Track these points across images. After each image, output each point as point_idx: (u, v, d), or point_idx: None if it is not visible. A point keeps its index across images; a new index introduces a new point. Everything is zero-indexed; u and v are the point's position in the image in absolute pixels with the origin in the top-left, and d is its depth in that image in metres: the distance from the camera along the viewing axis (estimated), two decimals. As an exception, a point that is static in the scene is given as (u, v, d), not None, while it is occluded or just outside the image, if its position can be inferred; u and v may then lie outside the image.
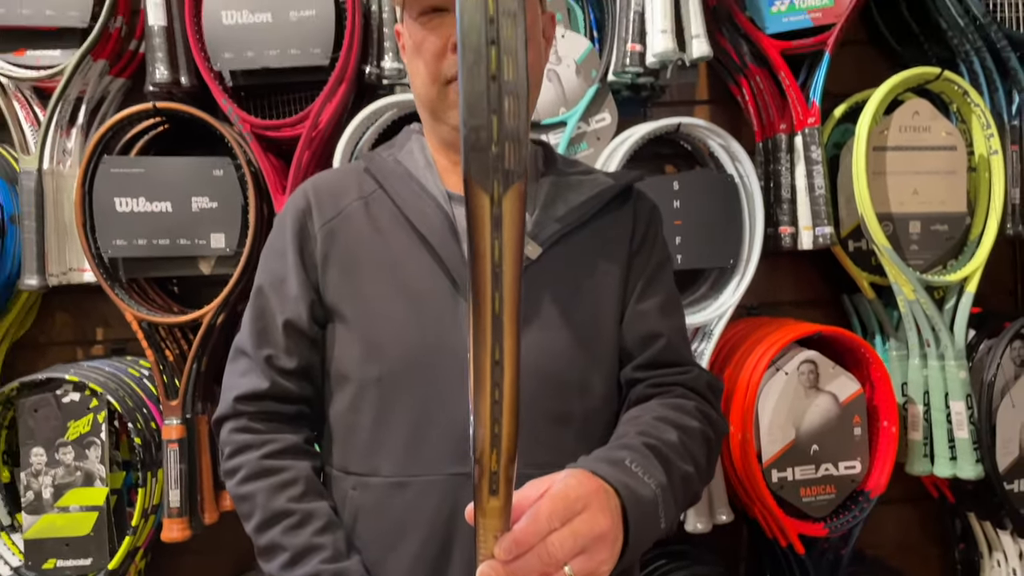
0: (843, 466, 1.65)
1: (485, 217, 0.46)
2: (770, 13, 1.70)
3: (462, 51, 0.42)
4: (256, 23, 1.58)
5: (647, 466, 0.86)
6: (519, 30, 0.41)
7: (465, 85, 0.43)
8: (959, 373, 1.63)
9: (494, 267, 0.47)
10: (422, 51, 1.01)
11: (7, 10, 1.60)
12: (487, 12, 0.40)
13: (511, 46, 0.41)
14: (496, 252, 0.46)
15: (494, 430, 0.56)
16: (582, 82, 1.73)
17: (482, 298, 0.48)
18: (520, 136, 0.43)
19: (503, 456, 0.58)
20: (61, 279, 1.67)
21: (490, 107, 0.42)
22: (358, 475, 1.02)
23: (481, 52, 0.41)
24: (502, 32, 0.41)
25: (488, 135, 0.43)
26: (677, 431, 0.95)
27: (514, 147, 0.44)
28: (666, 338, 1.07)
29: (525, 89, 0.42)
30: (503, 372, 0.53)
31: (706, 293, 1.79)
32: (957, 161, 1.68)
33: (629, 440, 0.92)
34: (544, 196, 1.08)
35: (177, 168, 1.61)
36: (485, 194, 0.45)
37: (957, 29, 1.69)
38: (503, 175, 0.45)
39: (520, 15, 0.41)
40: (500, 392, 0.54)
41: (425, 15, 1.00)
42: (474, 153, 0.44)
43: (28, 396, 1.58)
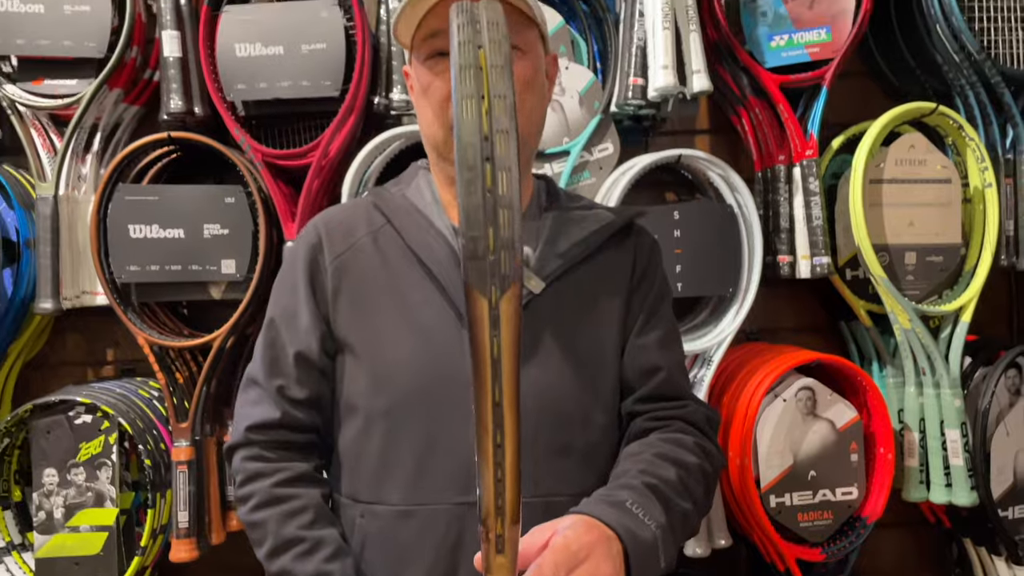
0: (840, 492, 1.67)
1: (484, 318, 0.50)
2: (769, 48, 1.75)
3: (459, 168, 0.45)
4: (269, 55, 1.62)
5: (647, 507, 0.89)
6: (512, 147, 0.44)
7: (463, 199, 0.46)
8: (954, 402, 1.66)
9: (493, 361, 0.51)
10: (429, 94, 1.04)
11: (26, 41, 1.64)
12: (482, 131, 0.43)
13: (505, 163, 0.44)
14: (495, 348, 0.51)
15: (498, 501, 0.59)
16: (585, 113, 1.77)
17: (483, 389, 0.53)
18: (515, 244, 0.47)
19: (507, 520, 0.62)
20: (74, 302, 1.71)
21: (486, 219, 0.46)
22: (366, 503, 1.05)
23: (477, 169, 0.45)
24: (496, 150, 0.44)
25: (485, 245, 0.47)
26: (676, 468, 0.98)
27: (509, 254, 0.48)
28: (666, 372, 1.10)
29: (518, 201, 0.46)
30: (504, 453, 0.57)
31: (706, 320, 1.82)
32: (952, 193, 1.71)
33: (630, 480, 0.95)
34: (547, 231, 1.11)
35: (190, 196, 1.65)
36: (483, 298, 0.49)
37: (952, 64, 1.73)
38: (500, 280, 0.48)
39: (512, 131, 0.44)
40: (502, 470, 0.58)
41: (432, 59, 1.04)
42: (472, 262, 0.47)
43: (41, 418, 1.61)
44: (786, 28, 1.74)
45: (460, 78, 0.47)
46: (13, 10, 1.63)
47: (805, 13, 1.73)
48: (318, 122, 1.72)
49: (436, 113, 1.04)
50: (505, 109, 0.47)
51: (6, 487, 1.66)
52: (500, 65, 0.47)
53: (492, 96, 0.46)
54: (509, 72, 0.49)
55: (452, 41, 0.51)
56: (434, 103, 1.04)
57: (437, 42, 1.02)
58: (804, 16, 1.73)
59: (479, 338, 0.51)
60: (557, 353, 1.05)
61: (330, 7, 1.63)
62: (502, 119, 0.45)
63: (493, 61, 0.46)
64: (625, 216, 1.17)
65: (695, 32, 1.65)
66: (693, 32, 1.65)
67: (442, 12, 1.01)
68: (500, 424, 0.56)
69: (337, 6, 1.64)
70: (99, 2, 1.65)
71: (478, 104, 0.46)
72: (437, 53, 1.03)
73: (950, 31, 1.69)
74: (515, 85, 0.51)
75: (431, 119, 1.05)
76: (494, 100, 0.46)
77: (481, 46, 0.47)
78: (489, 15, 0.52)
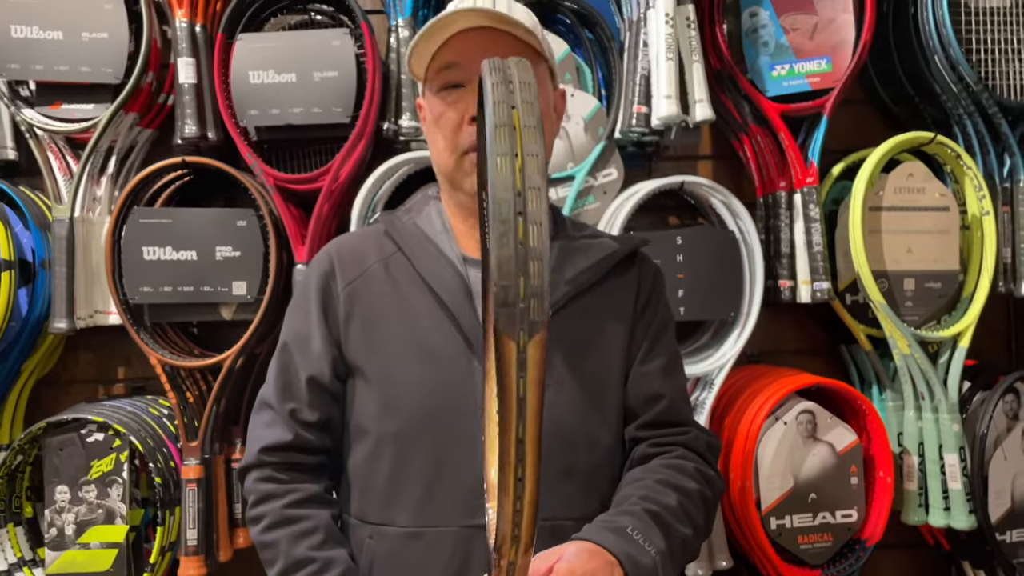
0: (840, 514, 1.69)
1: (512, 361, 0.52)
2: (771, 77, 1.78)
3: (493, 221, 0.48)
4: (281, 83, 1.66)
5: (648, 533, 0.92)
6: (543, 202, 0.47)
7: (496, 250, 0.49)
8: (952, 426, 1.68)
9: (519, 401, 0.54)
10: (441, 124, 1.08)
11: (45, 67, 1.68)
12: (515, 187, 0.46)
13: (536, 217, 0.47)
14: (521, 388, 0.53)
15: (514, 531, 0.62)
16: (590, 139, 1.80)
17: (508, 426, 0.56)
18: (543, 293, 0.50)
19: (521, 548, 0.65)
20: (88, 321, 1.74)
21: (517, 270, 0.49)
22: (375, 524, 1.07)
23: (510, 223, 0.47)
24: (528, 205, 0.47)
25: (516, 294, 0.50)
26: (677, 494, 1.01)
27: (537, 302, 0.50)
28: (667, 400, 1.12)
29: (548, 254, 0.49)
30: (524, 486, 0.60)
31: (707, 343, 1.85)
32: (950, 221, 1.74)
33: (631, 506, 0.98)
34: (553, 259, 1.14)
35: (203, 219, 1.69)
36: (512, 342, 0.52)
37: (951, 94, 1.76)
38: (528, 325, 0.51)
39: (543, 188, 0.47)
40: (521, 503, 0.61)
41: (444, 90, 1.07)
42: (503, 309, 0.50)
43: (54, 435, 1.64)
44: (787, 58, 1.78)
45: (495, 136, 0.49)
46: (33, 36, 1.67)
47: (806, 44, 1.77)
48: (328, 147, 1.76)
49: (448, 141, 1.07)
50: (537, 167, 0.49)
51: (18, 503, 1.69)
52: (533, 125, 0.50)
53: (525, 154, 0.48)
54: (541, 132, 0.52)
55: (487, 100, 0.53)
56: (446, 132, 1.07)
57: (450, 74, 1.06)
58: (805, 46, 1.77)
59: (507, 379, 0.54)
60: (563, 378, 1.08)
61: (342, 36, 1.67)
62: (534, 176, 0.48)
63: (526, 121, 0.49)
64: (630, 245, 1.20)
65: (698, 62, 1.69)
66: (696, 62, 1.68)
67: (454, 45, 1.05)
68: (522, 459, 0.59)
69: (349, 35, 1.68)
70: (117, 29, 1.69)
71: (512, 161, 0.48)
72: (450, 85, 1.07)
73: (948, 62, 1.73)
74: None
75: (443, 147, 1.09)
76: (527, 158, 0.48)
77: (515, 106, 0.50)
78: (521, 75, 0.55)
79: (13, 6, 1.67)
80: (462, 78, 1.06)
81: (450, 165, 1.09)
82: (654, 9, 1.66)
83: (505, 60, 0.63)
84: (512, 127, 0.50)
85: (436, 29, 1.04)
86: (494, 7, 1.03)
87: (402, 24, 1.75)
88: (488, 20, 1.03)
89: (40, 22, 1.67)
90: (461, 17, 1.02)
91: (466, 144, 1.06)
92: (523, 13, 1.09)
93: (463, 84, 1.06)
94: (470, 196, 1.09)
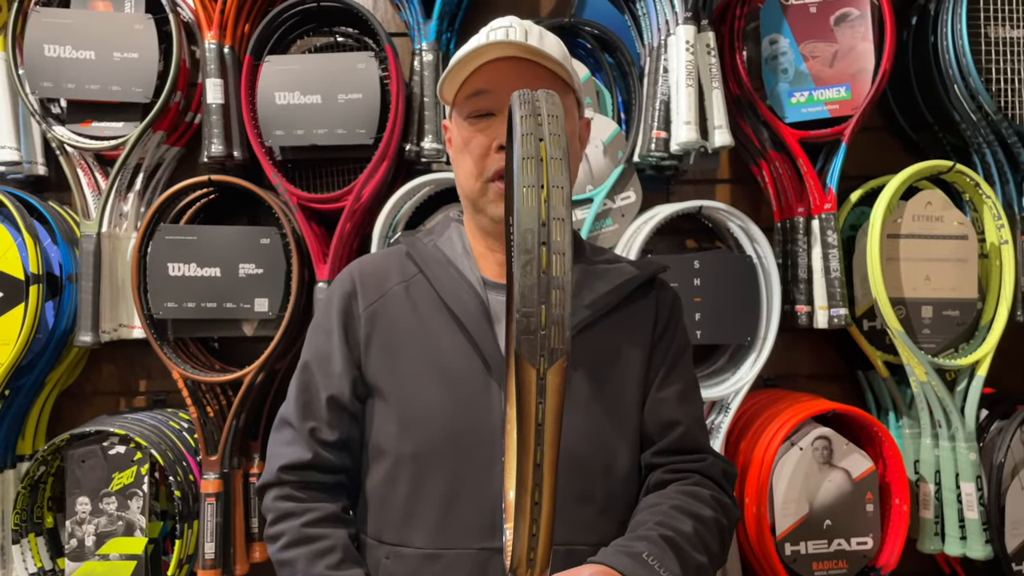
0: (855, 542, 1.69)
1: (532, 387, 0.54)
2: (790, 104, 1.80)
3: (518, 251, 0.49)
4: (307, 104, 1.69)
5: (663, 559, 0.93)
6: (567, 233, 0.48)
7: (519, 279, 0.50)
8: (969, 455, 1.67)
9: (537, 426, 0.56)
10: (469, 150, 1.09)
11: (77, 85, 1.72)
12: (540, 217, 0.47)
13: (560, 247, 0.49)
14: (540, 414, 0.55)
15: (530, 554, 0.63)
16: (609, 162, 1.82)
17: (526, 451, 0.57)
18: (564, 320, 0.51)
19: (537, 570, 0.66)
20: (112, 335, 1.77)
21: (539, 298, 0.50)
22: (391, 544, 1.08)
23: (534, 252, 0.49)
24: (552, 235, 0.49)
25: (537, 321, 0.51)
26: (693, 521, 1.01)
27: (558, 330, 0.51)
28: (684, 427, 1.13)
29: (570, 283, 0.50)
30: (541, 510, 0.61)
31: (724, 366, 1.85)
32: (968, 249, 1.74)
33: (647, 531, 0.98)
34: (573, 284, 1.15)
35: (227, 236, 1.72)
36: (532, 368, 0.53)
37: (970, 123, 1.77)
38: (549, 352, 0.52)
39: (567, 219, 0.48)
40: (537, 526, 0.62)
41: (473, 117, 1.09)
42: (525, 336, 0.51)
43: (77, 447, 1.67)
44: (807, 85, 1.79)
45: (522, 168, 0.51)
46: (65, 56, 1.71)
47: (825, 71, 1.78)
48: (351, 167, 1.79)
49: (474, 167, 1.09)
50: (562, 199, 0.51)
51: (40, 514, 1.71)
52: (559, 158, 0.51)
53: (551, 186, 0.49)
54: (567, 163, 0.53)
55: (515, 131, 0.55)
56: (473, 158, 1.09)
57: (480, 102, 1.08)
58: (824, 74, 1.78)
59: (527, 404, 0.55)
60: (581, 403, 1.09)
61: (367, 59, 1.70)
62: (559, 208, 0.49)
63: (553, 154, 0.50)
64: (648, 270, 1.21)
65: (718, 89, 1.70)
66: (716, 89, 1.70)
67: (484, 73, 1.07)
68: (539, 484, 0.60)
69: (373, 58, 1.71)
70: (147, 50, 1.73)
71: (538, 193, 0.50)
72: (479, 113, 1.08)
73: (968, 91, 1.74)
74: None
75: (468, 173, 1.10)
76: (552, 190, 0.50)
77: (542, 139, 0.51)
78: (549, 108, 0.56)
79: (47, 26, 1.71)
80: (492, 106, 1.08)
81: (475, 191, 1.10)
82: (675, 36, 1.68)
83: (535, 92, 0.65)
84: (539, 159, 0.51)
85: (470, 58, 1.06)
86: (526, 39, 1.05)
87: (426, 48, 1.78)
88: (520, 51, 1.05)
89: (73, 42, 1.71)
90: (495, 47, 1.04)
91: (492, 171, 1.07)
92: (554, 44, 1.11)
93: (493, 112, 1.08)
94: (493, 221, 1.11)
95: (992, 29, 1.78)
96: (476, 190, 1.10)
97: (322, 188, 1.80)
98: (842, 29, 1.78)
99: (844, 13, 1.78)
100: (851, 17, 1.78)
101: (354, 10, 1.72)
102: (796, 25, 1.80)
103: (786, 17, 1.81)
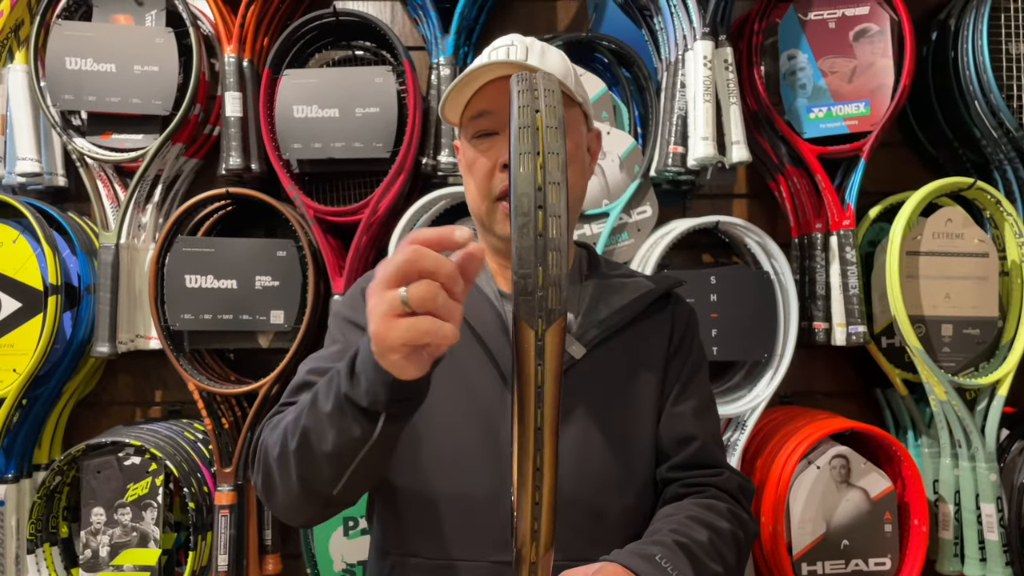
0: (873, 562, 1.66)
1: (530, 349, 0.55)
2: (808, 119, 1.79)
3: (515, 214, 0.51)
4: (324, 117, 1.70)
5: (676, 563, 0.91)
6: (562, 197, 0.50)
7: (517, 241, 0.52)
8: (989, 476, 1.65)
9: (537, 388, 0.56)
10: (474, 170, 1.09)
11: (97, 98, 1.73)
12: (536, 182, 0.49)
13: (555, 210, 0.50)
14: (539, 376, 0.55)
15: (534, 526, 0.63)
16: (625, 176, 1.81)
17: (526, 414, 0.57)
18: (561, 282, 0.52)
19: (541, 547, 0.65)
20: (129, 346, 1.78)
21: (536, 260, 0.51)
22: (398, 555, 1.07)
23: (530, 215, 0.50)
24: (548, 199, 0.50)
25: (534, 283, 0.52)
26: (708, 531, 1.00)
27: (555, 291, 0.53)
28: (701, 441, 1.12)
29: (566, 245, 0.52)
30: (543, 477, 0.60)
31: (740, 383, 1.84)
32: (989, 267, 1.73)
33: (661, 537, 0.97)
34: (588, 299, 1.15)
35: (244, 248, 1.72)
36: (531, 330, 0.54)
37: (991, 140, 1.75)
38: (546, 313, 0.53)
39: (563, 184, 0.50)
40: (540, 494, 0.61)
41: (477, 138, 1.09)
42: (522, 297, 0.53)
43: (93, 457, 1.68)
44: (825, 101, 1.78)
45: (518, 136, 0.52)
46: (87, 69, 1.73)
47: (844, 87, 1.77)
48: (368, 180, 1.79)
49: (480, 187, 1.09)
50: (558, 164, 0.52)
51: (55, 523, 1.72)
52: (554, 126, 0.53)
53: (547, 152, 0.51)
54: (562, 132, 0.55)
55: (512, 105, 0.57)
56: (479, 178, 1.09)
57: (483, 122, 1.08)
58: (843, 90, 1.77)
59: (525, 367, 0.56)
60: (597, 417, 1.08)
61: (384, 73, 1.71)
62: (555, 172, 0.50)
63: (548, 123, 0.52)
64: (664, 285, 1.20)
65: (735, 104, 1.69)
66: (733, 104, 1.69)
67: (487, 93, 1.07)
68: (540, 448, 0.59)
69: (391, 72, 1.71)
70: (167, 63, 1.74)
71: (533, 159, 0.51)
72: (483, 133, 1.08)
73: (988, 107, 1.72)
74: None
75: (475, 193, 1.10)
76: (548, 156, 0.51)
77: (538, 110, 0.53)
78: (546, 84, 0.58)
79: (69, 39, 1.73)
80: (494, 126, 1.08)
81: (483, 210, 1.10)
82: (692, 51, 1.68)
83: (533, 73, 0.66)
84: (535, 128, 0.52)
85: (469, 80, 1.06)
86: (527, 57, 1.05)
87: (443, 62, 1.78)
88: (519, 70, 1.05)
89: (94, 55, 1.73)
90: (495, 67, 1.04)
91: (498, 191, 1.07)
92: (556, 59, 1.10)
93: (496, 132, 1.08)
94: (501, 240, 1.11)
95: (1013, 45, 1.77)
96: (484, 210, 1.10)
97: (339, 201, 1.81)
98: (861, 45, 1.77)
99: (863, 29, 1.77)
100: (870, 33, 1.77)
101: (372, 24, 1.73)
102: (815, 41, 1.80)
103: (804, 32, 1.80)
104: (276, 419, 1.01)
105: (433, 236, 0.66)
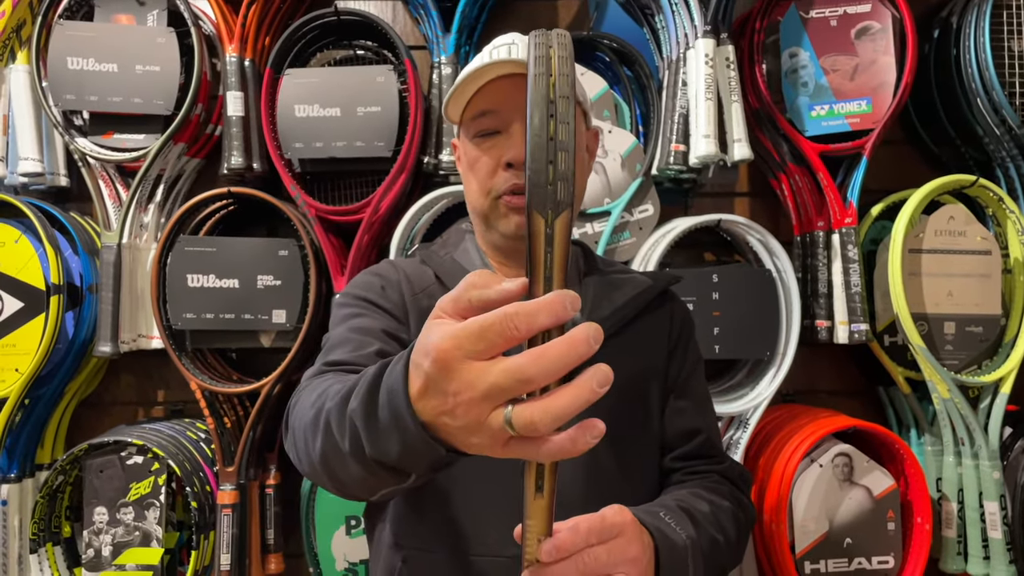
0: (876, 560, 1.66)
1: (541, 236, 0.59)
2: (810, 117, 1.79)
3: (530, 123, 0.58)
4: (326, 116, 1.70)
5: (679, 520, 0.93)
6: (571, 109, 0.58)
7: (530, 142, 0.58)
8: (992, 474, 1.65)
9: (546, 276, 0.59)
10: (476, 169, 1.10)
11: (99, 98, 1.74)
12: (548, 96, 0.58)
13: (565, 118, 0.58)
14: (548, 262, 0.59)
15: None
16: (627, 175, 1.81)
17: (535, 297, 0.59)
18: (568, 177, 0.58)
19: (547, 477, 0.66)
20: (131, 345, 1.78)
21: (547, 158, 0.58)
22: (411, 548, 1.06)
23: (544, 122, 0.58)
24: (559, 109, 0.58)
25: (545, 177, 0.58)
26: (709, 504, 1.03)
27: (564, 185, 0.58)
28: (705, 434, 1.15)
29: (573, 146, 0.58)
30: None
31: (742, 381, 1.84)
32: (992, 265, 1.72)
33: (664, 501, 1.00)
34: (592, 298, 1.15)
35: (246, 248, 1.72)
36: (541, 219, 0.59)
37: (993, 137, 1.75)
38: (555, 204, 0.58)
39: (571, 97, 0.58)
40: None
41: (479, 137, 1.10)
42: (535, 189, 0.58)
43: (95, 457, 1.68)
44: (827, 99, 1.78)
45: (535, 63, 0.59)
46: (88, 68, 1.73)
47: (846, 84, 1.77)
48: (369, 179, 1.80)
49: (482, 185, 1.09)
50: (568, 83, 0.59)
51: (57, 523, 1.72)
52: (564, 56, 0.60)
53: (559, 74, 0.59)
54: (572, 60, 0.61)
55: (529, 45, 0.63)
56: (481, 176, 1.09)
57: (485, 121, 1.08)
58: (845, 87, 1.77)
59: (536, 254, 0.60)
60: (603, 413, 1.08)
61: (386, 72, 1.71)
62: (565, 88, 0.58)
63: (560, 54, 0.60)
64: (663, 281, 1.21)
65: (737, 103, 1.69)
66: (735, 102, 1.69)
67: (489, 93, 1.07)
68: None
69: (392, 71, 1.71)
70: (168, 63, 1.75)
71: (547, 79, 0.59)
72: (485, 132, 1.09)
73: (991, 105, 1.72)
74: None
75: (477, 191, 1.10)
76: (559, 76, 0.59)
77: (551, 45, 0.60)
78: (558, 32, 0.65)
79: (70, 39, 1.73)
80: (497, 125, 1.08)
81: (484, 207, 1.11)
82: (694, 50, 1.68)
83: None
84: (548, 57, 0.60)
85: (471, 79, 1.06)
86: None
87: (444, 61, 1.78)
88: (521, 68, 1.05)
89: (96, 55, 1.73)
90: (497, 66, 1.05)
91: (500, 188, 1.08)
92: None
93: (498, 130, 1.08)
94: (504, 237, 1.11)
95: (1016, 43, 1.76)
96: (486, 206, 1.10)
97: (340, 200, 1.81)
98: (863, 42, 1.77)
99: (865, 26, 1.77)
100: (872, 30, 1.77)
101: (373, 24, 1.73)
102: (816, 38, 1.79)
103: (806, 30, 1.80)
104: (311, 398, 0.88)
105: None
